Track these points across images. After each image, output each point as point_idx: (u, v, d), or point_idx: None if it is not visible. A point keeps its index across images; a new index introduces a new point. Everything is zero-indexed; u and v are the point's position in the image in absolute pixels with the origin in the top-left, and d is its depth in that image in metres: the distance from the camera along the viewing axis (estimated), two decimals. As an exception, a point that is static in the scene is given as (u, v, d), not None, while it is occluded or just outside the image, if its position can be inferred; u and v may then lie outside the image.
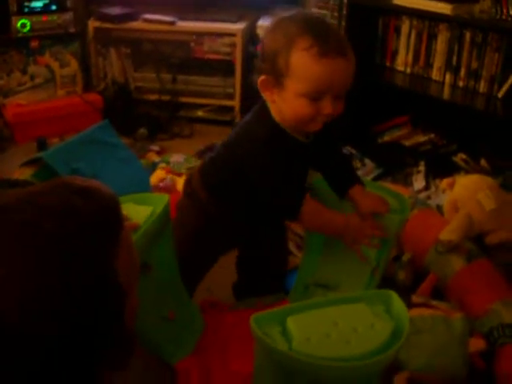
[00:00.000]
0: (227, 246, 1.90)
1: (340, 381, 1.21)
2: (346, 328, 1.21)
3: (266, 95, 1.58)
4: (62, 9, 3.84)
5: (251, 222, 1.80)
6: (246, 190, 1.68)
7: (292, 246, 2.51)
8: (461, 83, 3.08)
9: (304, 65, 1.46)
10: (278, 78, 1.51)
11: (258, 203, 1.69)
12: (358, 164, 3.16)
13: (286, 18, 1.55)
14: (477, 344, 1.87)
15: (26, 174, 2.41)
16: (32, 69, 3.85)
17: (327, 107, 1.50)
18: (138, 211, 1.50)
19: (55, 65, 3.88)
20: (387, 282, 2.11)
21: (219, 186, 1.73)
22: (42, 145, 3.41)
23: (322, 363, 1.13)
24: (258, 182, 1.62)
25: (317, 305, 1.28)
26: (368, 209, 1.70)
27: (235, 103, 3.93)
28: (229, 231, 1.80)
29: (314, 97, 1.49)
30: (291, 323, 1.20)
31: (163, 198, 1.60)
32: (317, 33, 1.47)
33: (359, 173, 3.03)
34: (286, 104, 1.53)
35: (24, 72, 3.83)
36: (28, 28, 3.72)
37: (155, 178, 2.94)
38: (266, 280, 1.99)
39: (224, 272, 2.00)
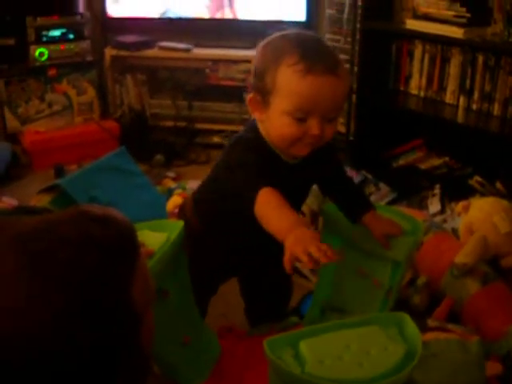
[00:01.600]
0: (223, 275, 1.86)
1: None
2: (359, 351, 1.21)
3: (255, 114, 1.53)
4: (79, 37, 3.90)
5: (242, 250, 1.76)
6: (235, 212, 1.61)
7: (306, 271, 2.52)
8: (474, 106, 3.09)
9: (288, 81, 1.40)
10: (264, 95, 1.46)
11: (246, 227, 1.60)
12: (372, 188, 3.16)
13: (279, 35, 1.51)
14: (493, 367, 1.86)
15: (43, 200, 2.44)
16: (50, 96, 3.90)
17: (313, 128, 1.42)
18: (153, 238, 1.51)
19: (72, 92, 3.93)
20: (402, 305, 2.11)
21: (209, 210, 1.71)
22: (60, 172, 3.45)
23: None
24: (235, 174, 1.51)
25: (330, 328, 1.28)
26: (381, 232, 1.69)
27: (250, 128, 3.95)
28: (222, 260, 1.77)
29: (299, 116, 1.42)
30: (304, 347, 1.20)
31: (178, 224, 1.61)
32: (305, 49, 1.41)
33: (374, 197, 3.04)
34: (272, 123, 1.47)
35: (42, 100, 3.88)
36: (46, 57, 3.79)
37: (171, 204, 2.96)
38: (271, 304, 1.98)
39: (239, 297, 2.01)
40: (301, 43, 1.44)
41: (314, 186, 1.80)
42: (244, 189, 1.44)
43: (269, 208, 1.38)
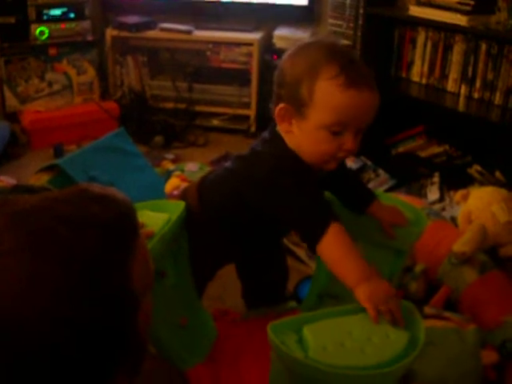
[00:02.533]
0: (221, 261, 1.84)
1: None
2: (362, 337, 1.21)
3: (282, 126, 1.47)
4: (80, 17, 3.88)
5: (243, 243, 1.76)
6: (248, 218, 1.62)
7: (303, 256, 2.52)
8: (476, 95, 3.08)
9: (329, 94, 1.37)
10: (298, 107, 1.41)
11: (257, 229, 1.65)
12: (371, 175, 3.16)
13: (309, 44, 1.47)
14: (489, 356, 1.87)
15: (42, 180, 2.44)
16: (50, 76, 3.89)
17: (348, 143, 1.41)
18: (153, 218, 1.51)
19: (72, 72, 3.92)
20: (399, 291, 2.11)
21: (217, 208, 1.67)
22: (59, 151, 3.44)
23: (338, 371, 1.13)
24: (281, 204, 1.45)
25: (332, 314, 1.28)
26: (388, 222, 1.68)
27: (251, 112, 3.95)
28: (220, 248, 1.75)
29: (336, 130, 1.39)
30: (307, 332, 1.20)
31: (179, 205, 1.60)
32: (343, 62, 1.38)
33: (372, 184, 3.04)
34: (306, 137, 1.43)
35: (42, 79, 3.87)
36: (46, 35, 3.77)
37: (170, 185, 2.96)
38: (268, 287, 1.98)
39: (236, 280, 2.00)
40: (337, 55, 1.40)
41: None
42: (305, 220, 1.41)
43: (341, 251, 1.36)
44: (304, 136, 1.44)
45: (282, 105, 1.44)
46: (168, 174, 3.17)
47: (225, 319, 1.92)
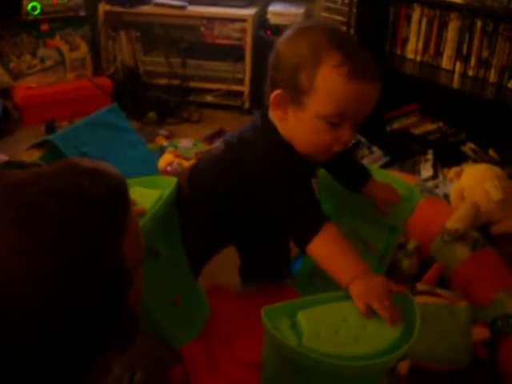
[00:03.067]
0: (213, 243, 1.81)
1: (348, 377, 1.21)
2: (356, 324, 1.20)
3: (277, 113, 1.41)
4: (72, -9, 3.84)
5: (236, 233, 1.75)
6: (240, 209, 1.61)
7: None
8: (471, 72, 3.07)
9: (331, 83, 1.31)
10: (296, 94, 1.35)
11: (249, 220, 1.63)
12: (365, 152, 3.15)
13: (309, 27, 1.39)
14: (480, 333, 1.88)
15: (34, 156, 2.43)
16: (42, 51, 3.85)
17: (345, 135, 1.36)
18: (145, 195, 1.49)
19: (65, 48, 3.88)
20: (392, 269, 2.12)
21: (210, 201, 1.65)
22: (51, 128, 3.42)
23: (331, 361, 1.13)
24: (273, 198, 1.41)
25: (328, 299, 1.27)
26: (382, 200, 1.67)
27: (245, 88, 3.93)
28: (211, 232, 1.73)
29: (335, 122, 1.34)
30: (302, 318, 1.19)
31: (171, 181, 1.59)
32: (348, 50, 1.32)
33: (366, 160, 3.04)
34: (302, 126, 1.38)
35: (34, 55, 3.84)
36: (38, 11, 3.72)
37: (163, 161, 2.95)
38: (268, 263, 1.96)
39: (231, 257, 2.00)
40: (340, 42, 1.33)
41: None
42: (298, 218, 1.37)
43: (335, 250, 1.32)
44: (300, 125, 1.38)
45: (278, 91, 1.38)
46: (161, 150, 3.16)
47: (219, 296, 1.92)
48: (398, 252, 2.25)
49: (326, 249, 1.33)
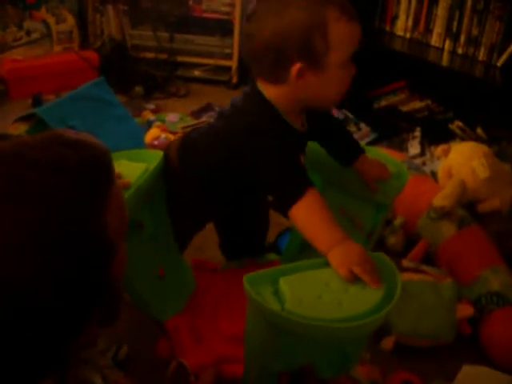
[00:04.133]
0: (200, 219, 1.83)
1: (331, 341, 1.22)
2: (338, 289, 1.21)
3: (298, 83, 1.42)
4: (58, -38, 3.79)
5: (224, 202, 1.75)
6: (230, 179, 1.62)
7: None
8: (460, 50, 3.06)
9: (343, 33, 1.38)
10: (316, 59, 1.39)
11: (239, 189, 1.65)
12: (353, 128, 3.15)
13: None
14: (465, 310, 1.89)
15: (20, 129, 2.41)
16: (28, 24, 3.80)
17: (353, 68, 1.47)
18: (130, 168, 1.49)
19: (51, 20, 3.83)
20: (378, 245, 2.13)
21: (200, 170, 1.65)
22: (37, 101, 3.39)
23: (314, 323, 1.13)
24: (260, 165, 1.44)
25: (309, 266, 1.27)
26: (372, 176, 1.69)
27: (233, 63, 3.90)
28: (199, 202, 1.73)
29: (348, 63, 1.44)
30: (284, 284, 1.20)
31: (157, 155, 1.58)
32: (337, 1, 1.39)
33: (354, 136, 3.03)
34: (327, 83, 1.43)
35: (20, 27, 3.79)
36: (24, -19, 3.68)
37: (150, 136, 2.93)
38: (247, 239, 1.98)
39: (216, 231, 2.00)
40: None
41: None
42: (281, 182, 1.40)
43: (316, 216, 1.34)
44: (326, 83, 1.43)
45: (297, 65, 1.39)
46: (148, 125, 3.14)
47: (204, 269, 1.92)
48: (385, 228, 2.26)
49: (308, 213, 1.35)
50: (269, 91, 1.47)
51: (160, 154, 1.58)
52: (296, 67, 1.39)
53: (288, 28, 1.37)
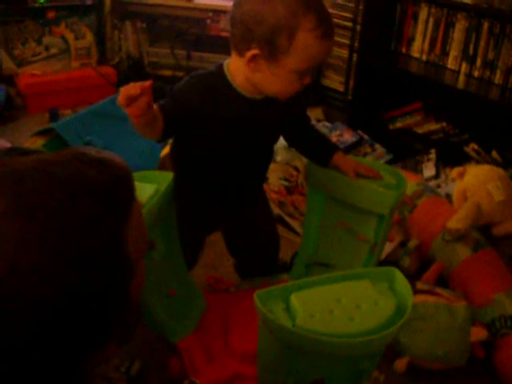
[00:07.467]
0: (203, 224, 1.84)
1: (343, 357, 1.22)
2: (350, 305, 1.21)
3: (250, 66, 1.49)
4: (79, -20, 3.83)
5: (215, 192, 1.75)
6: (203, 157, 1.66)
7: (298, 227, 2.52)
8: (476, 73, 3.06)
9: (309, 46, 1.43)
10: (274, 53, 1.44)
11: (216, 166, 1.67)
12: (368, 149, 3.15)
13: None
14: (478, 333, 1.88)
15: (37, 143, 2.43)
16: (47, 39, 3.84)
17: (308, 79, 1.52)
18: (142, 189, 1.49)
19: (70, 36, 3.87)
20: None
21: (178, 155, 1.74)
22: (54, 116, 3.42)
23: (325, 339, 1.13)
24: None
25: (320, 281, 1.28)
26: (352, 169, 1.73)
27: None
28: (199, 207, 1.77)
29: (305, 72, 1.49)
30: (295, 300, 1.20)
31: (167, 176, 1.60)
32: (319, 13, 1.43)
33: (369, 158, 3.03)
34: (276, 78, 1.49)
35: (39, 42, 3.82)
36: (45, -2, 3.72)
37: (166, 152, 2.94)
38: (259, 258, 1.99)
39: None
40: (312, 4, 1.43)
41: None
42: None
43: None
44: (273, 77, 1.49)
45: (254, 50, 1.45)
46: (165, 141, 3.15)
47: (218, 287, 1.92)
48: (399, 250, 2.25)
49: None
50: (233, 59, 1.56)
51: (170, 175, 1.60)
52: (252, 51, 1.46)
53: (264, 15, 1.42)
